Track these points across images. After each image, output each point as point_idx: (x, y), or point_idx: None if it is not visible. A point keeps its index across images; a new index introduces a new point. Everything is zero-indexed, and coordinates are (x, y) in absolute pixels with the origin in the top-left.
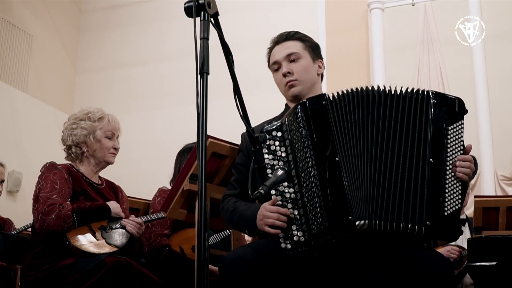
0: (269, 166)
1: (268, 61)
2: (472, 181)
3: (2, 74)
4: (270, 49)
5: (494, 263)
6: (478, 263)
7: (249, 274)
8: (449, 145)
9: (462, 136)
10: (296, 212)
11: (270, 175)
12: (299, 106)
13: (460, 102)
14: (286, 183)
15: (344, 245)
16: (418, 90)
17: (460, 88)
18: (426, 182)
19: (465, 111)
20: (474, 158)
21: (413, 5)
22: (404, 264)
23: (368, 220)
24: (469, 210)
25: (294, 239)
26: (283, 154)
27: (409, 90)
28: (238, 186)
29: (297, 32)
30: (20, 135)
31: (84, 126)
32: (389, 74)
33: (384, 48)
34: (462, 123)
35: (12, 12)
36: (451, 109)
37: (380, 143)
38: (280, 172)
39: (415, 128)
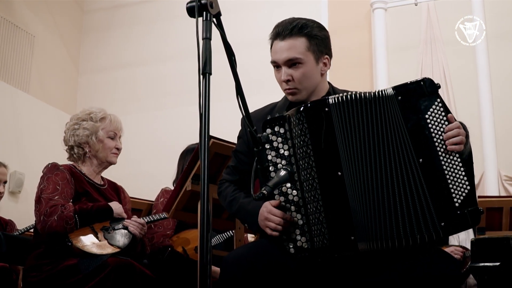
0: (271, 164)
1: (271, 47)
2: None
3: (4, 75)
4: (272, 39)
5: (497, 263)
6: (482, 264)
7: (250, 273)
8: (433, 132)
9: (443, 114)
10: (299, 216)
11: (273, 174)
12: (302, 111)
13: (428, 82)
14: (289, 184)
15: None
16: (380, 92)
17: (463, 88)
18: (425, 183)
19: (437, 87)
20: (460, 122)
21: (416, 5)
22: (409, 268)
23: (375, 242)
24: None
25: (297, 244)
26: (286, 153)
27: (372, 94)
28: (237, 173)
29: (303, 26)
30: (22, 135)
31: (86, 127)
32: (392, 74)
33: (387, 48)
34: (438, 102)
35: (14, 12)
36: (421, 94)
37: (373, 155)
38: (283, 172)
39: (396, 131)
